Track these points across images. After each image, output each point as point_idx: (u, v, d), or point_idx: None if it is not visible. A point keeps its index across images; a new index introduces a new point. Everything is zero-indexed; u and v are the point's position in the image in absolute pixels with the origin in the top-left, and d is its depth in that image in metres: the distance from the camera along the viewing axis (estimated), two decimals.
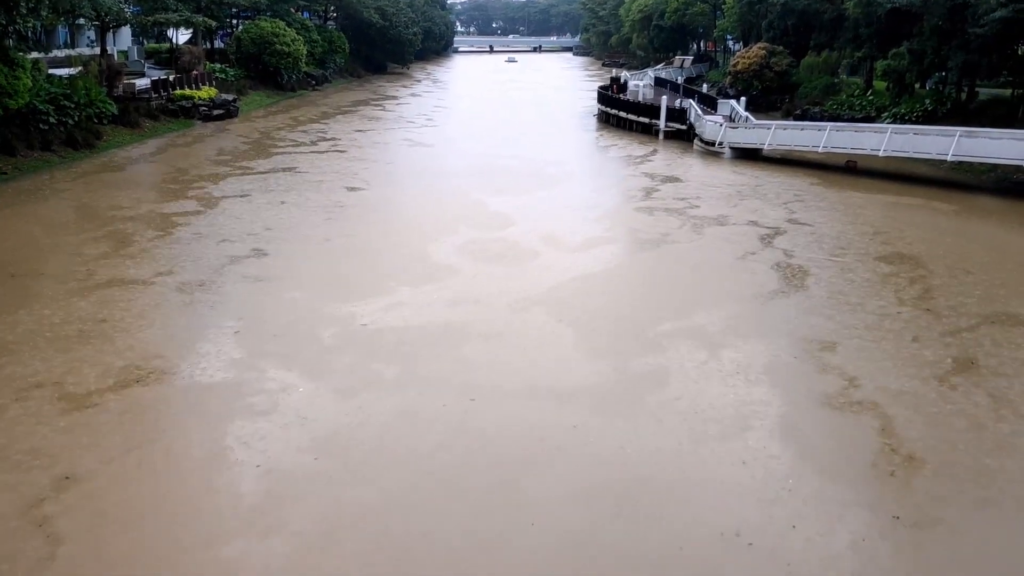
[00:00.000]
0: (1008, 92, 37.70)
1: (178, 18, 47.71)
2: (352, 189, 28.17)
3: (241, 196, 26.23)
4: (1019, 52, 35.09)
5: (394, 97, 65.29)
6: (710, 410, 11.95)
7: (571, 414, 11.89)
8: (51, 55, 46.49)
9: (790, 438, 11.27)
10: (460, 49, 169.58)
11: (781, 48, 53.32)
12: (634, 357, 13.98)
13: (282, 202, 25.47)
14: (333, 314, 15.67)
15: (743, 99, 43.71)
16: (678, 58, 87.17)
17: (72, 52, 49.72)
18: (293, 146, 37.67)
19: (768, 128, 36.06)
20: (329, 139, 40.29)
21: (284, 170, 31.22)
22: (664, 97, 44.69)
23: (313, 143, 38.84)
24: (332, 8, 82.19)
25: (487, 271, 18.74)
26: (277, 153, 35.47)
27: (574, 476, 10.35)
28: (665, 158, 36.05)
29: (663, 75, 66.63)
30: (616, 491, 10.00)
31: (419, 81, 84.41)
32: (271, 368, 13.16)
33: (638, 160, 35.55)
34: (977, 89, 39.01)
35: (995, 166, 30.07)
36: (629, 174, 32.45)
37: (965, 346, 14.52)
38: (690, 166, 34.26)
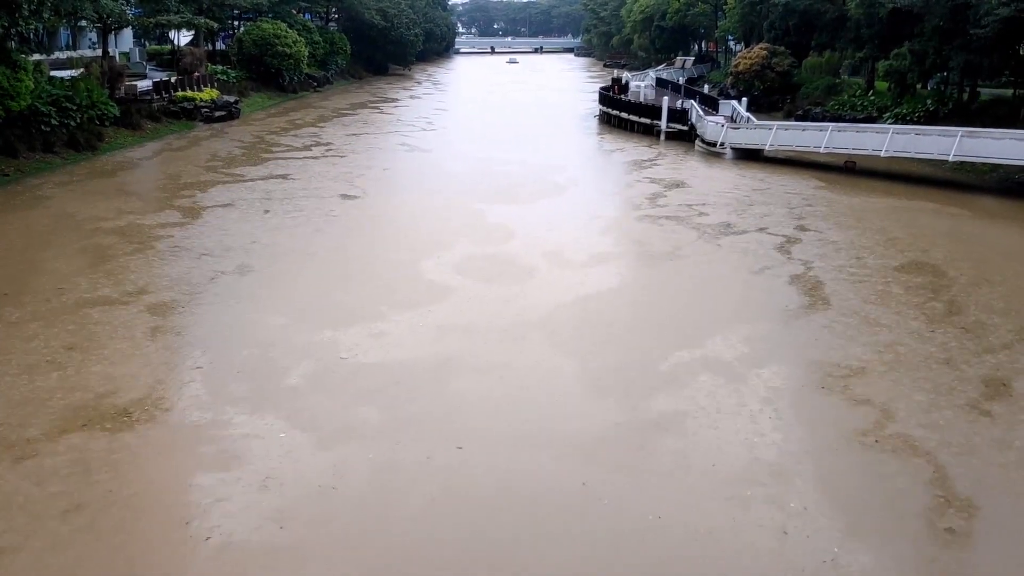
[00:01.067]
0: (1010, 92, 37.58)
1: (180, 20, 47.73)
2: (347, 197, 27.31)
3: (230, 206, 25.42)
4: (1021, 52, 34.99)
5: (394, 100, 65.13)
6: (738, 462, 10.59)
7: (577, 468, 10.42)
8: (53, 57, 46.60)
9: (830, 493, 10.00)
10: (461, 50, 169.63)
11: (783, 48, 53.21)
12: (647, 395, 12.57)
13: (266, 211, 24.56)
14: (312, 344, 14.31)
15: (744, 100, 43.55)
16: (679, 59, 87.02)
17: (74, 54, 49.78)
18: (289, 151, 36.99)
19: (769, 129, 35.96)
20: (326, 143, 39.72)
21: (277, 177, 30.40)
22: (665, 98, 44.58)
23: (310, 147, 38.18)
24: (334, 9, 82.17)
25: (483, 292, 17.41)
26: (272, 159, 34.68)
27: (585, 550, 8.82)
28: (669, 161, 35.64)
29: (664, 76, 66.45)
30: (638, 571, 8.57)
31: (420, 83, 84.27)
32: (238, 413, 11.72)
33: (643, 164, 35.00)
34: (979, 89, 38.90)
35: (997, 166, 29.94)
36: (634, 180, 31.66)
37: (1003, 368, 13.58)
38: (695, 169, 33.81)
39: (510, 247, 21.19)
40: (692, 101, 44.39)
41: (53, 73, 36.94)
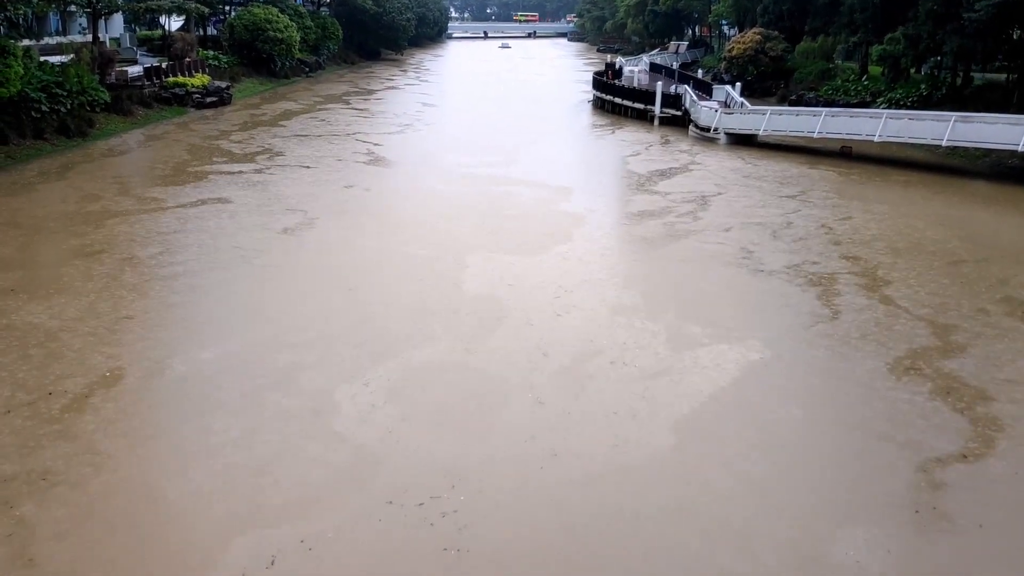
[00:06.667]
0: (1003, 77, 37.70)
1: (170, 4, 47.41)
2: (285, 232, 21.30)
3: (117, 255, 19.07)
4: (1014, 37, 35.05)
5: (378, 90, 63.92)
6: None
7: None
8: (43, 42, 46.18)
9: None
10: (454, 35, 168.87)
11: (776, 33, 53.22)
12: None
13: (127, 256, 18.75)
14: None
15: (738, 85, 43.68)
16: (673, 43, 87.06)
17: (64, 39, 49.30)
18: (252, 156, 31.91)
19: (763, 114, 36.01)
20: (290, 150, 33.83)
21: (212, 201, 24.45)
22: (659, 83, 44.52)
23: (256, 155, 32.62)
24: None
25: (419, 475, 10.08)
26: (221, 172, 29.00)
27: None
28: (678, 163, 32.09)
29: (658, 61, 66.53)
30: None
31: (405, 72, 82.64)
32: None
33: (656, 176, 29.62)
34: (972, 74, 39.01)
35: (990, 151, 30.10)
36: (652, 200, 25.71)
37: None
38: (712, 174, 29.74)
39: (492, 348, 14.05)
40: (686, 86, 44.41)
41: (43, 59, 36.62)
